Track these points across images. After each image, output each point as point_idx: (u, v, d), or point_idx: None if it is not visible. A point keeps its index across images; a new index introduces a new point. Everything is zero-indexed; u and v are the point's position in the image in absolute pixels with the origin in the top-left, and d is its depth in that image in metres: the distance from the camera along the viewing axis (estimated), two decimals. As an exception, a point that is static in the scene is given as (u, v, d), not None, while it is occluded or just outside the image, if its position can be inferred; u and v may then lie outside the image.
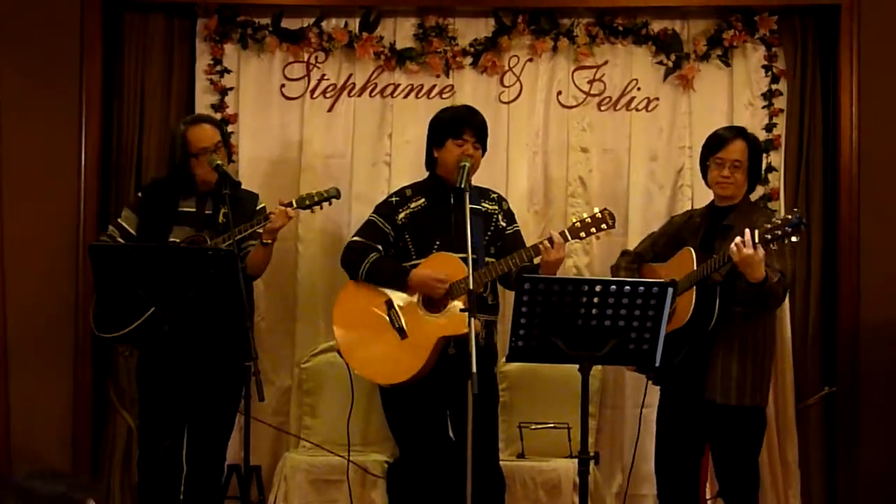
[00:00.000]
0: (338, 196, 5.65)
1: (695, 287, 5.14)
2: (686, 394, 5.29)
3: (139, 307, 5.35)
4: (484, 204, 5.53)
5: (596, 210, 5.30)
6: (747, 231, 4.94)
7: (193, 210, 5.56)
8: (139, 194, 5.74)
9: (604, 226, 5.26)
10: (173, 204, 5.56)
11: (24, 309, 6.18)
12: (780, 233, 4.91)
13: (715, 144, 5.38)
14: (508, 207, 5.66)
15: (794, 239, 4.93)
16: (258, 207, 5.60)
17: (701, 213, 5.53)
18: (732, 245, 4.95)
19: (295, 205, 5.50)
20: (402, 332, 5.33)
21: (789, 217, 4.94)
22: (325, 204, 5.63)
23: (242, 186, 5.67)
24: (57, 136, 6.22)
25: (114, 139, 6.36)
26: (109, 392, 6.30)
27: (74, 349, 6.20)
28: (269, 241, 5.47)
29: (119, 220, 5.66)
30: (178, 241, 5.46)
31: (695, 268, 5.17)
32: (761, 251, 4.93)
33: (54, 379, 6.21)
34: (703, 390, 5.20)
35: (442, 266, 5.31)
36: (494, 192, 5.66)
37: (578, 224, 5.26)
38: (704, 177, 5.45)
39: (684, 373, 5.25)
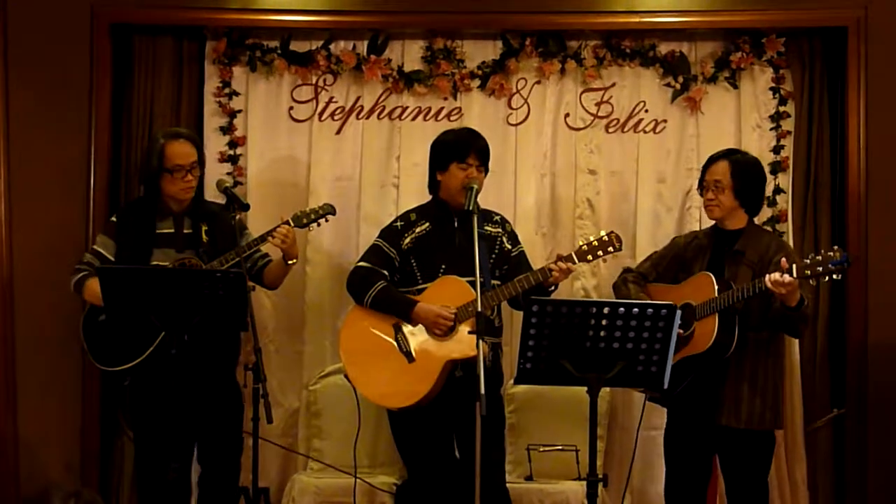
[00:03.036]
0: (333, 212, 5.68)
1: (717, 315, 5.20)
2: (696, 417, 5.36)
3: (144, 334, 5.39)
4: (487, 227, 5.57)
5: (603, 233, 5.36)
6: (784, 261, 5.02)
7: (172, 231, 5.58)
8: (113, 219, 5.71)
9: (611, 249, 5.33)
10: (150, 226, 5.58)
11: (33, 331, 6.26)
12: (821, 269, 4.97)
13: (703, 167, 5.49)
14: (512, 229, 5.71)
15: (835, 277, 5.00)
16: (236, 219, 5.46)
17: (706, 234, 5.57)
18: (772, 276, 4.99)
19: (292, 224, 5.55)
20: (409, 356, 5.40)
21: (832, 254, 4.98)
22: (322, 221, 5.68)
23: (247, 207, 5.62)
24: (67, 157, 6.32)
25: (123, 160, 6.45)
26: (118, 416, 6.35)
27: (83, 372, 6.24)
28: (292, 261, 5.58)
29: (95, 247, 5.67)
30: (162, 264, 5.48)
31: (715, 294, 5.21)
32: (794, 280, 5.01)
33: (63, 402, 6.29)
34: (717, 414, 5.28)
35: (449, 290, 5.38)
36: (497, 215, 5.71)
37: (585, 247, 5.33)
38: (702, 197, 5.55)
39: (695, 396, 5.33)
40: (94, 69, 6.33)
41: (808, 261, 5.04)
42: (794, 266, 5.03)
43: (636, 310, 4.49)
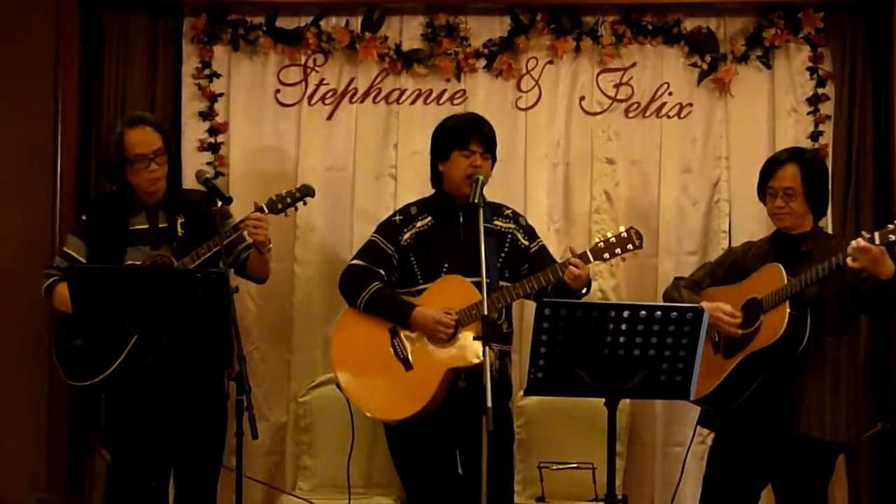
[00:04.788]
0: (311, 194, 5.61)
1: (788, 303, 5.11)
2: (760, 428, 5.25)
3: (117, 344, 5.32)
4: (497, 222, 5.49)
5: (622, 229, 5.31)
6: (863, 232, 4.96)
7: (146, 227, 5.52)
8: (83, 217, 5.68)
9: (630, 246, 5.28)
10: (123, 223, 5.52)
11: (-6, 339, 6.22)
12: None
13: (766, 171, 5.37)
14: (527, 223, 5.65)
15: None
16: (215, 208, 5.43)
17: (767, 241, 5.48)
18: (853, 244, 4.94)
19: (266, 210, 5.47)
20: (406, 364, 5.34)
21: None
22: (300, 205, 5.60)
23: (223, 201, 5.53)
24: (30, 145, 6.24)
25: (92, 149, 6.38)
26: (88, 430, 6.29)
27: (49, 384, 6.20)
28: (266, 249, 5.47)
29: (65, 249, 5.60)
30: (135, 262, 5.44)
31: (784, 282, 5.13)
32: (881, 247, 4.93)
33: (28, 415, 6.24)
34: (793, 423, 5.16)
35: (451, 291, 5.31)
36: (508, 209, 5.64)
37: (602, 244, 5.28)
38: (763, 201, 5.43)
39: (760, 404, 5.22)
40: (60, 48, 6.27)
41: (892, 226, 4.95)
42: (875, 233, 4.96)
43: (659, 313, 4.43)
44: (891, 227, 4.94)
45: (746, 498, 5.39)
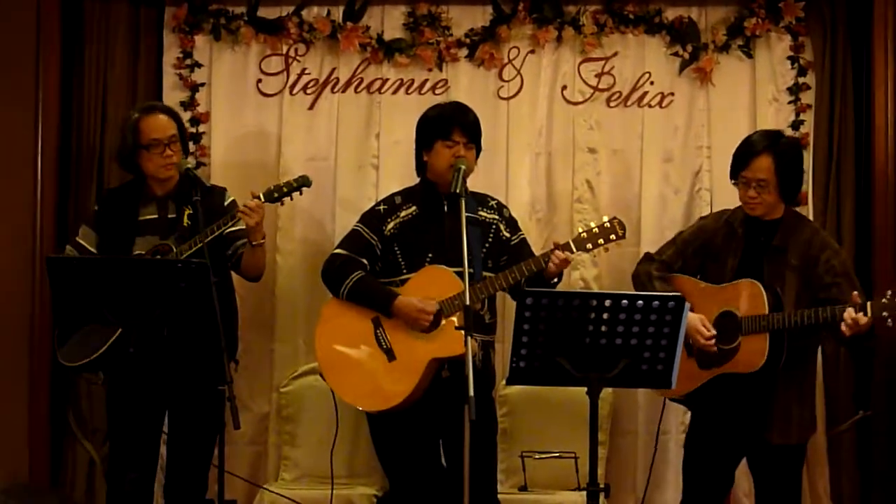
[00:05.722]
0: (308, 184, 5.56)
1: (768, 335, 5.14)
2: (735, 430, 5.30)
3: (104, 329, 5.31)
4: (481, 212, 5.48)
5: (605, 219, 5.28)
6: (855, 295, 4.99)
7: (155, 217, 5.53)
8: (95, 207, 5.72)
9: (613, 236, 5.26)
10: (133, 213, 5.53)
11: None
12: None
13: (741, 159, 5.30)
14: (511, 215, 5.62)
15: None
16: (227, 202, 5.56)
17: (738, 221, 5.42)
18: (846, 319, 4.94)
19: (263, 199, 5.45)
20: (390, 354, 5.31)
21: None
22: (297, 194, 5.56)
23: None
24: (10, 137, 6.25)
25: (73, 141, 6.39)
26: (69, 421, 6.30)
27: (30, 374, 6.21)
28: (258, 242, 5.45)
29: (77, 239, 5.64)
30: (143, 253, 5.45)
31: (766, 310, 5.13)
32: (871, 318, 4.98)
33: (8, 407, 6.22)
34: (767, 432, 5.23)
35: (434, 281, 5.28)
36: (493, 199, 5.61)
37: (585, 234, 5.25)
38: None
39: (734, 407, 5.28)
40: (40, 38, 6.28)
41: (886, 301, 4.96)
42: (868, 305, 4.96)
43: (640, 302, 4.40)
44: (885, 301, 4.95)
45: (725, 478, 5.44)
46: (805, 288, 5.20)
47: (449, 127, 5.37)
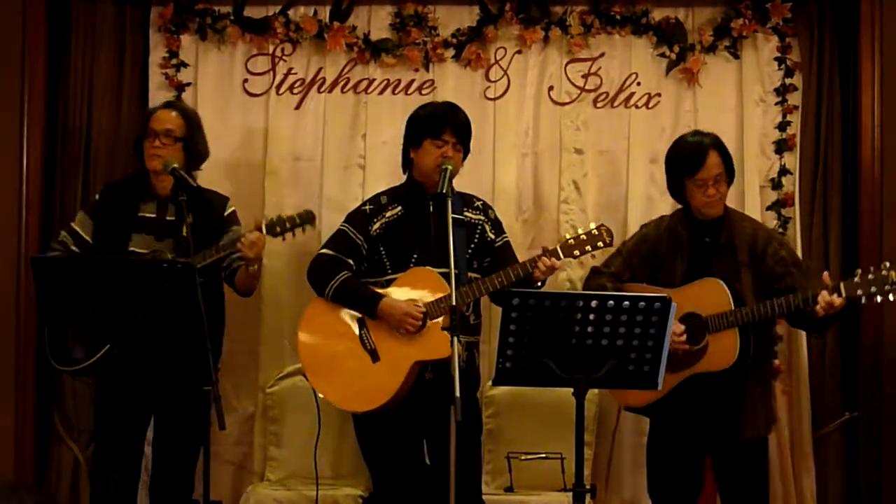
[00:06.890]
0: (312, 221, 5.57)
1: (737, 330, 5.17)
2: (702, 429, 5.31)
3: (96, 332, 5.28)
4: (467, 213, 5.49)
5: (592, 226, 5.31)
6: (826, 275, 5.11)
7: (154, 216, 5.53)
8: (96, 196, 5.70)
9: (600, 244, 5.30)
10: (133, 208, 5.54)
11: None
12: (874, 290, 5.01)
13: (693, 164, 5.29)
14: (496, 216, 5.62)
15: (891, 298, 5.03)
16: (227, 213, 5.57)
17: (679, 222, 5.45)
18: (821, 303, 5.03)
19: (265, 231, 5.45)
20: (374, 355, 5.32)
21: (885, 274, 5.01)
22: (299, 231, 5.56)
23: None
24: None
25: (59, 140, 6.38)
26: (54, 421, 6.30)
27: (15, 374, 6.18)
28: (254, 268, 5.48)
29: (73, 225, 5.64)
30: (138, 249, 5.44)
31: (730, 306, 5.16)
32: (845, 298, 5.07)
33: None
34: (738, 428, 5.26)
35: (420, 283, 5.30)
36: (479, 200, 5.63)
37: (572, 241, 5.28)
38: (676, 195, 5.41)
39: (698, 408, 5.28)
40: (26, 37, 6.25)
41: (858, 280, 5.04)
42: (842, 285, 5.04)
43: (627, 303, 4.40)
44: (856, 280, 5.03)
45: (689, 480, 5.45)
46: (758, 281, 5.26)
47: (440, 126, 5.38)
